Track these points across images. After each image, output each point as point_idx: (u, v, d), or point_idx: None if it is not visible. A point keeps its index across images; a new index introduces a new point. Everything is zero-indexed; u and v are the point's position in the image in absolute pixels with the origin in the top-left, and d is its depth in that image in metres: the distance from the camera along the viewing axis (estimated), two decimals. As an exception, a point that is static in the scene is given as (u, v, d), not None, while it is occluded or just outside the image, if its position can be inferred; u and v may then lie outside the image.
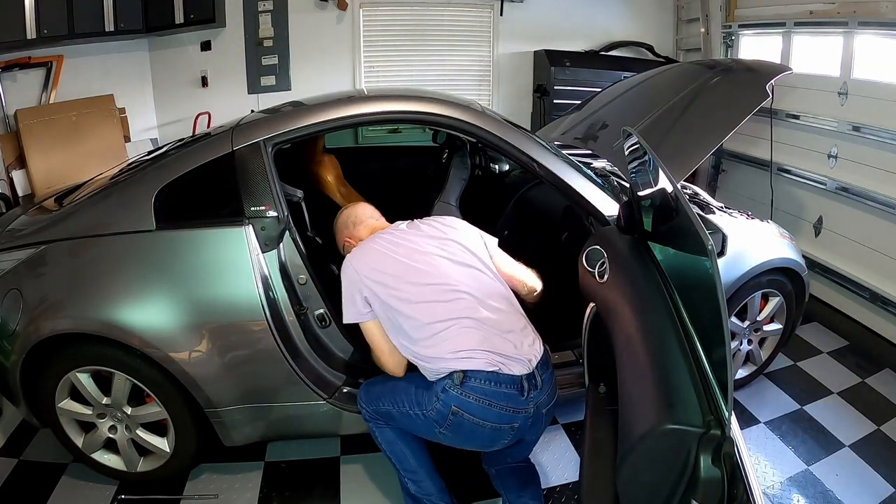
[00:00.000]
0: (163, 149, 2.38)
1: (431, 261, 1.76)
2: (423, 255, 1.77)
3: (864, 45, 3.27)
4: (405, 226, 1.88)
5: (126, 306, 1.86)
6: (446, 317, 1.68)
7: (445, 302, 1.70)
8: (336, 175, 3.06)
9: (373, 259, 1.77)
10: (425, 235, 1.83)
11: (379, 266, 1.75)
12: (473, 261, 1.81)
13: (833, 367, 2.99)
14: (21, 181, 3.88)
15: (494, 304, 1.74)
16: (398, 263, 1.75)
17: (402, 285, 1.71)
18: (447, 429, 1.67)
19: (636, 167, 1.80)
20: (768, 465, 2.29)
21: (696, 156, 2.27)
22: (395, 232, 1.86)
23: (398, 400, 1.75)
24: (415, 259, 1.76)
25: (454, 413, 1.64)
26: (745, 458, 1.13)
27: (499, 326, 1.70)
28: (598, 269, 1.79)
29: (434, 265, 1.75)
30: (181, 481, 2.16)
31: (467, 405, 1.62)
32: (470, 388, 1.62)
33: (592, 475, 1.55)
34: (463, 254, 1.81)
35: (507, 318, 1.73)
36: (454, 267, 1.77)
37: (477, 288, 1.75)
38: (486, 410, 1.63)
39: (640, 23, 5.16)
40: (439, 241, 1.82)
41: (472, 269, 1.79)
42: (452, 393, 1.63)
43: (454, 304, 1.70)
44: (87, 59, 4.20)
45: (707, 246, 1.15)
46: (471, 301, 1.71)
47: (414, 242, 1.80)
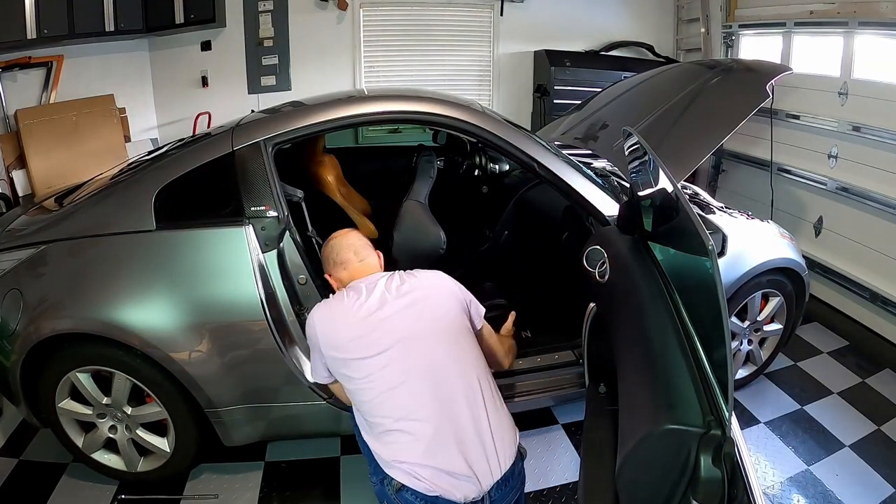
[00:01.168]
0: (163, 149, 2.39)
1: (395, 332, 1.52)
2: (388, 325, 1.53)
3: (864, 45, 3.27)
4: (383, 282, 1.62)
5: (126, 306, 1.86)
6: (395, 414, 1.47)
7: (398, 389, 1.48)
8: (336, 175, 3.06)
9: (333, 327, 1.57)
10: (401, 296, 1.58)
11: (337, 335, 1.55)
12: (448, 333, 1.57)
13: (833, 367, 2.99)
14: (21, 181, 3.88)
15: (462, 391, 1.50)
16: (356, 338, 1.53)
17: (357, 366, 1.52)
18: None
19: (636, 167, 1.80)
20: (768, 465, 2.29)
21: (697, 156, 2.27)
22: (366, 290, 1.60)
23: (361, 442, 1.64)
24: (376, 331, 1.52)
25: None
26: (745, 458, 1.13)
27: (458, 427, 1.46)
28: (598, 269, 1.79)
29: (397, 338, 1.52)
30: (181, 481, 2.16)
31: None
32: (404, 498, 1.46)
33: (592, 475, 1.55)
34: (437, 323, 1.57)
35: (473, 414, 1.48)
36: (421, 342, 1.53)
37: (444, 367, 1.51)
38: None
39: (640, 23, 5.16)
40: (414, 307, 1.57)
41: (444, 342, 1.55)
42: (388, 492, 1.48)
43: (408, 395, 1.48)
44: (87, 59, 4.21)
45: (707, 246, 1.15)
46: (429, 389, 1.48)
47: (383, 308, 1.56)
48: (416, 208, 2.24)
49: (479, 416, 1.48)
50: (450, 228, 2.36)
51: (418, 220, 2.24)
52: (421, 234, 2.23)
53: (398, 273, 1.65)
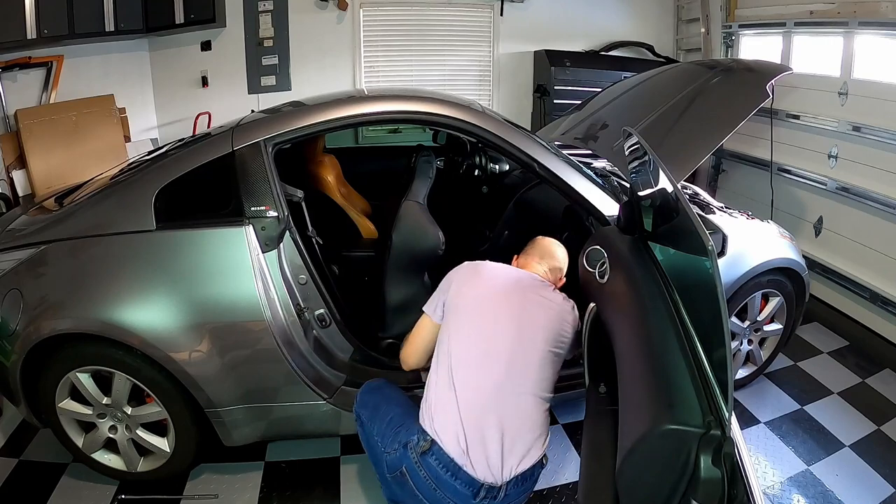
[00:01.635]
0: (163, 149, 2.38)
1: (505, 313, 1.69)
2: (505, 306, 1.70)
3: (864, 45, 3.27)
4: (529, 278, 1.81)
5: (126, 306, 1.86)
6: (466, 376, 1.61)
7: (481, 355, 1.63)
8: (336, 175, 3.06)
9: (468, 278, 1.77)
10: (530, 294, 1.75)
11: (468, 285, 1.74)
12: (536, 338, 1.69)
13: (833, 367, 2.99)
14: (21, 181, 3.88)
15: (515, 393, 1.62)
16: (478, 297, 1.72)
17: (464, 318, 1.69)
18: (392, 479, 1.64)
19: (636, 167, 1.80)
20: (768, 465, 2.29)
21: (697, 156, 2.27)
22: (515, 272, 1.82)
23: (375, 420, 1.73)
24: (494, 304, 1.71)
25: (402, 473, 1.60)
26: (745, 458, 1.13)
27: (499, 428, 1.57)
28: (598, 269, 1.79)
29: (504, 320, 1.68)
30: (181, 481, 2.16)
31: (415, 475, 1.57)
32: (427, 463, 1.56)
33: (592, 475, 1.55)
34: (535, 331, 1.69)
35: (517, 425, 1.60)
36: (518, 333, 1.66)
37: (518, 371, 1.63)
38: (430, 491, 1.56)
39: (640, 23, 5.16)
40: (531, 308, 1.72)
41: (527, 345, 1.67)
42: (410, 456, 1.57)
43: (484, 363, 1.62)
44: (87, 59, 4.20)
45: (707, 246, 1.15)
46: (503, 370, 1.61)
47: (513, 291, 1.74)
48: (415, 209, 2.24)
49: (522, 416, 1.61)
50: (450, 228, 2.36)
51: (417, 221, 2.23)
52: (419, 235, 2.23)
53: (540, 281, 1.82)
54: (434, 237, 2.21)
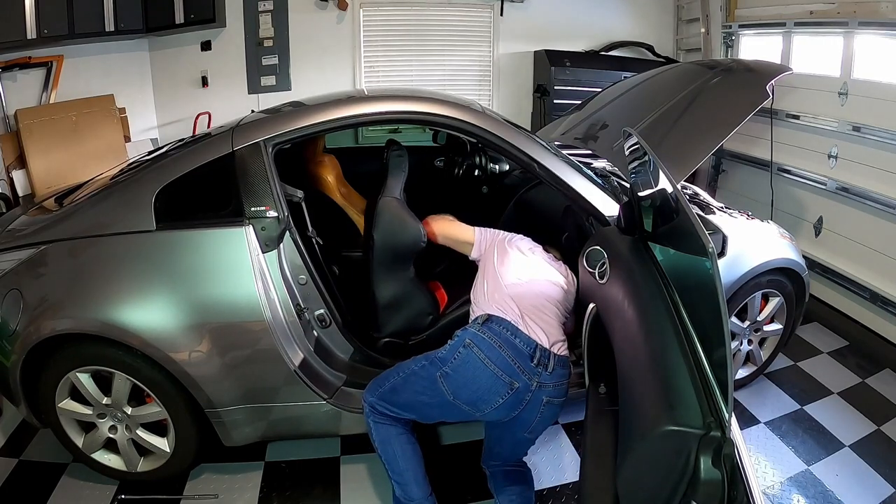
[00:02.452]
0: (163, 149, 2.38)
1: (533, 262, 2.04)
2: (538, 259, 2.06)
3: (864, 45, 3.27)
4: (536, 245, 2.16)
5: (126, 306, 1.86)
6: (511, 285, 1.91)
7: (522, 283, 1.94)
8: (336, 175, 3.06)
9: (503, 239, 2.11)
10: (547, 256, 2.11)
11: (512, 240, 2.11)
12: (559, 278, 2.03)
13: (833, 367, 2.99)
14: (21, 181, 3.88)
15: (546, 296, 1.94)
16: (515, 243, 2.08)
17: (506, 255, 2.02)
18: (451, 367, 1.74)
19: (636, 167, 1.80)
20: (768, 465, 2.29)
21: (697, 156, 2.27)
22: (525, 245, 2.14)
23: (403, 370, 1.84)
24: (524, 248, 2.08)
25: (465, 346, 1.74)
26: (745, 458, 1.13)
27: (543, 312, 1.88)
28: (598, 269, 1.79)
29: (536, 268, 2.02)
30: (181, 481, 2.16)
31: (480, 340, 1.74)
32: (489, 328, 1.76)
33: (592, 475, 1.55)
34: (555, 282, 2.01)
35: (549, 312, 1.91)
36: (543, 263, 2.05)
37: (550, 296, 1.96)
38: (496, 351, 1.72)
39: (640, 23, 5.16)
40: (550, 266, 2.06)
41: (554, 281, 2.01)
42: (471, 329, 1.78)
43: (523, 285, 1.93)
44: (87, 59, 4.21)
45: (707, 247, 1.15)
46: (532, 278, 1.96)
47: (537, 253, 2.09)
48: (392, 204, 2.21)
49: (551, 317, 1.91)
50: None
51: (395, 217, 2.20)
52: (399, 230, 2.20)
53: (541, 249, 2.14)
54: (415, 230, 2.19)
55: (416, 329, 2.28)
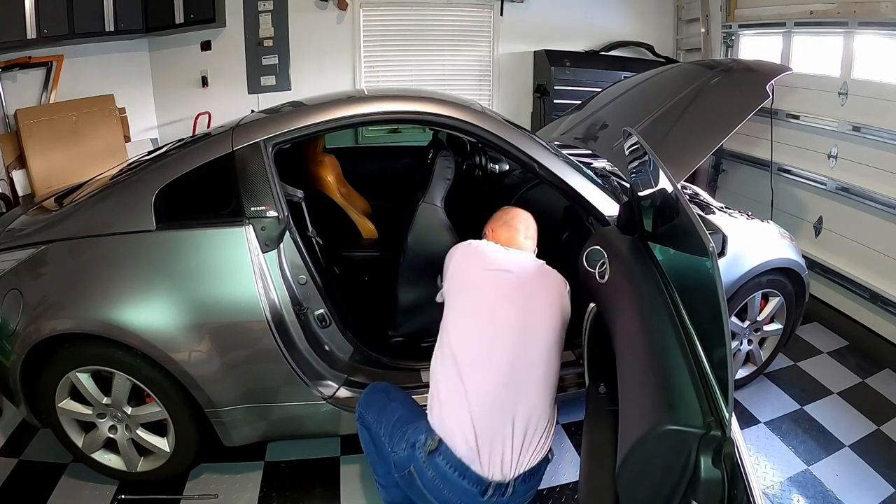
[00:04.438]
0: (163, 149, 2.38)
1: (503, 293, 1.70)
2: (504, 286, 1.72)
3: (864, 45, 3.27)
4: (523, 257, 1.84)
5: (126, 306, 1.86)
6: (470, 368, 1.60)
7: (484, 345, 1.63)
8: (336, 175, 3.06)
9: (466, 258, 1.82)
10: (525, 274, 1.76)
11: (465, 266, 1.80)
12: (542, 329, 1.68)
13: (833, 367, 2.99)
14: (21, 181, 3.88)
15: (528, 381, 1.62)
16: (476, 280, 1.75)
17: (464, 301, 1.71)
18: (400, 479, 1.63)
19: (636, 167, 1.80)
20: (768, 465, 2.29)
21: (697, 156, 2.27)
22: (505, 251, 1.83)
23: (381, 420, 1.71)
24: (492, 285, 1.72)
25: (409, 473, 1.58)
26: (745, 458, 1.13)
27: (512, 426, 1.57)
28: (598, 269, 1.79)
29: (503, 301, 1.69)
30: (181, 481, 2.16)
31: (423, 475, 1.56)
32: (434, 463, 1.54)
33: (592, 475, 1.55)
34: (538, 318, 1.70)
35: (528, 406, 1.60)
36: (519, 317, 1.66)
37: (526, 353, 1.63)
38: (438, 490, 1.55)
39: (640, 23, 5.16)
40: (526, 291, 1.72)
41: (536, 335, 1.67)
42: (418, 455, 1.56)
43: (488, 357, 1.61)
44: (87, 59, 4.20)
45: (707, 247, 1.15)
46: (506, 364, 1.60)
47: (508, 272, 1.75)
48: (432, 212, 2.22)
49: (532, 409, 1.60)
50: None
51: (433, 226, 2.22)
52: (435, 240, 2.22)
53: (533, 259, 1.86)
54: (450, 242, 2.21)
55: (432, 333, 2.29)
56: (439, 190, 2.30)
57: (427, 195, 2.27)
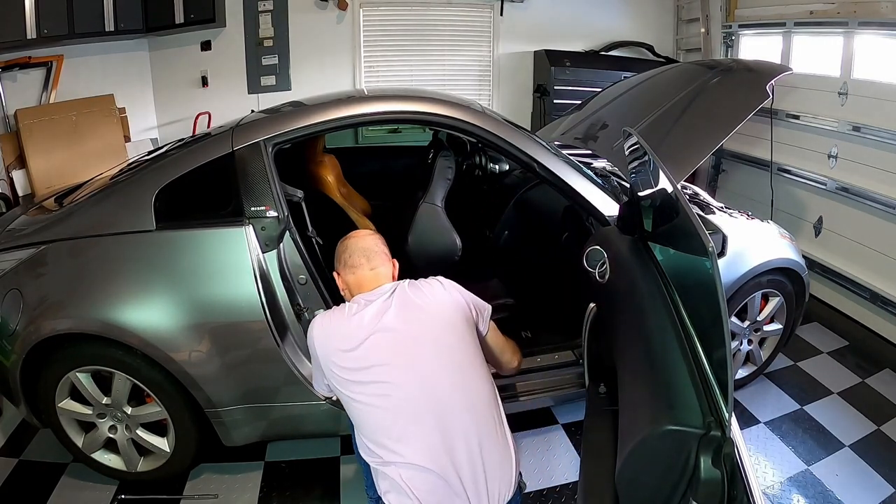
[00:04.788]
0: (163, 149, 2.38)
1: (393, 351, 1.44)
2: (386, 343, 1.45)
3: (864, 45, 3.27)
4: (387, 296, 1.52)
5: (126, 306, 1.86)
6: (391, 445, 1.39)
7: (397, 415, 1.41)
8: (336, 175, 3.06)
9: (328, 339, 1.49)
10: (403, 312, 1.49)
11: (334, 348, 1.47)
12: (452, 357, 1.48)
13: (833, 367, 2.99)
14: (21, 181, 3.88)
15: (463, 429, 1.40)
16: (351, 351, 1.45)
17: (354, 382, 1.44)
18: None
19: (636, 167, 1.80)
20: (768, 465, 2.29)
21: (697, 156, 2.27)
22: (366, 303, 1.51)
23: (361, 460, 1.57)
24: (373, 348, 1.44)
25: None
26: (744, 458, 1.13)
27: (457, 466, 1.37)
28: (598, 269, 1.79)
29: (396, 360, 1.44)
30: (181, 481, 2.16)
31: None
32: None
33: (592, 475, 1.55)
34: (442, 348, 1.48)
35: (470, 457, 1.39)
36: (423, 366, 1.44)
37: (447, 399, 1.42)
38: None
39: (640, 23, 5.16)
40: (416, 325, 1.49)
41: (449, 370, 1.46)
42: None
43: (406, 424, 1.40)
44: (87, 59, 4.21)
45: (707, 247, 1.15)
46: (430, 421, 1.39)
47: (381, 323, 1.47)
48: (433, 212, 2.22)
49: (476, 457, 1.40)
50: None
51: (434, 225, 2.22)
52: (436, 240, 2.22)
53: (404, 284, 1.55)
54: (451, 242, 2.21)
55: None
56: (440, 190, 2.30)
57: (427, 195, 2.27)
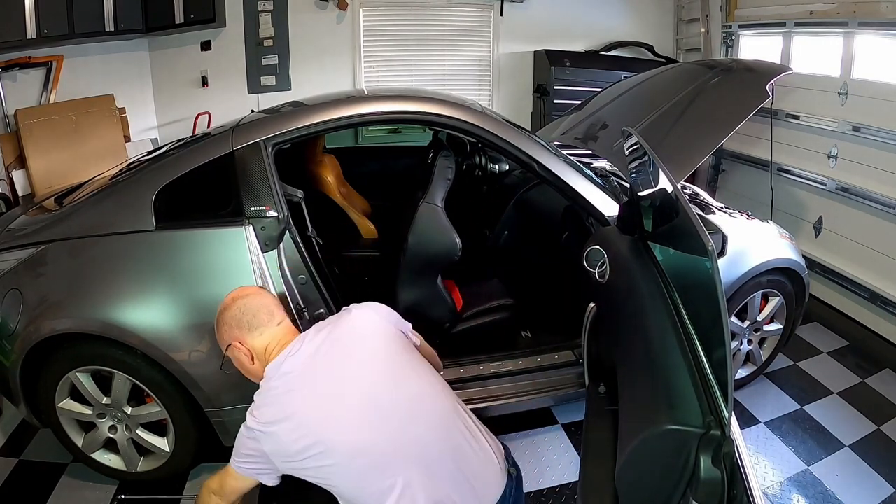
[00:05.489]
0: (163, 149, 2.38)
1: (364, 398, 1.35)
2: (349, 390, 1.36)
3: (864, 45, 3.27)
4: (312, 347, 1.41)
5: (126, 306, 1.86)
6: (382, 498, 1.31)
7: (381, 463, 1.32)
8: (336, 175, 3.06)
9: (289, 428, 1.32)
10: (341, 354, 1.41)
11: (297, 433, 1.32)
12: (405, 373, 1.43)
13: (833, 367, 2.99)
14: (21, 181, 3.88)
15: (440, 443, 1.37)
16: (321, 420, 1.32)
17: (330, 451, 1.32)
18: None
19: (636, 167, 1.80)
20: (768, 465, 2.29)
21: (697, 156, 2.27)
22: (299, 365, 1.38)
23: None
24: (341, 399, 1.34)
25: None
26: (745, 458, 1.13)
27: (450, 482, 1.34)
28: (598, 269, 1.79)
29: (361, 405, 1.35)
30: (181, 481, 2.16)
31: None
32: None
33: (592, 475, 1.55)
34: (392, 368, 1.42)
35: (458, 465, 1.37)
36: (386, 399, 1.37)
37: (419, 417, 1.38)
38: None
39: (640, 23, 5.16)
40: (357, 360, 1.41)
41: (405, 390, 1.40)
42: None
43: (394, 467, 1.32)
44: (87, 59, 4.20)
45: (707, 246, 1.15)
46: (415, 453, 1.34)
47: (331, 374, 1.37)
48: (433, 212, 2.22)
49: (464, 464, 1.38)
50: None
51: (434, 225, 2.22)
52: (436, 239, 2.22)
53: (320, 328, 1.45)
54: (451, 242, 2.20)
55: (432, 332, 2.30)
56: (440, 190, 2.30)
57: (427, 195, 2.27)
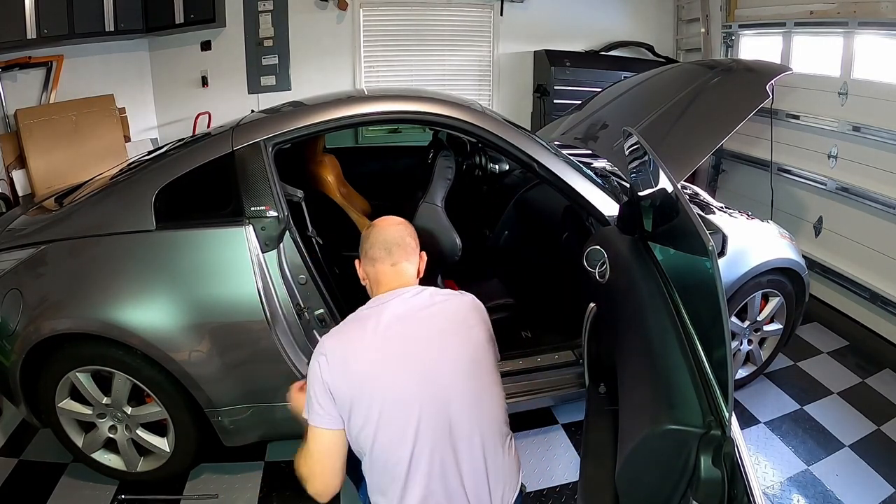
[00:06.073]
0: (163, 149, 2.39)
1: (415, 369, 1.35)
2: (408, 360, 1.36)
3: (864, 45, 3.27)
4: (408, 304, 1.43)
5: (126, 306, 1.86)
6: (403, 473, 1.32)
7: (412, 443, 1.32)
8: (336, 175, 3.06)
9: (344, 362, 1.34)
10: (426, 326, 1.41)
11: (348, 370, 1.34)
12: (470, 377, 1.40)
13: (833, 367, 2.99)
14: (21, 181, 3.88)
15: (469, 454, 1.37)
16: (370, 376, 1.34)
17: (368, 408, 1.32)
18: None
19: (636, 167, 1.81)
20: (768, 465, 2.29)
21: (697, 156, 2.27)
22: (385, 314, 1.41)
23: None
24: (393, 368, 1.35)
25: None
26: (745, 458, 1.13)
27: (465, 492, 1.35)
28: (598, 269, 1.79)
29: (416, 378, 1.35)
30: (181, 481, 2.16)
31: None
32: None
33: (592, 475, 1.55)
34: (462, 365, 1.40)
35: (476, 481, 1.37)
36: (441, 388, 1.36)
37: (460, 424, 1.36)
38: None
39: (640, 23, 5.16)
40: (439, 341, 1.40)
41: (465, 391, 1.39)
42: None
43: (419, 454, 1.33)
44: (87, 59, 4.21)
45: (707, 246, 1.15)
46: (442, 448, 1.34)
47: (404, 339, 1.39)
48: (433, 212, 2.22)
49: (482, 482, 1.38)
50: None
51: (434, 225, 2.22)
52: (436, 239, 2.22)
53: (428, 293, 1.46)
54: (451, 242, 2.20)
55: None
56: (440, 190, 2.30)
57: (427, 195, 2.27)
